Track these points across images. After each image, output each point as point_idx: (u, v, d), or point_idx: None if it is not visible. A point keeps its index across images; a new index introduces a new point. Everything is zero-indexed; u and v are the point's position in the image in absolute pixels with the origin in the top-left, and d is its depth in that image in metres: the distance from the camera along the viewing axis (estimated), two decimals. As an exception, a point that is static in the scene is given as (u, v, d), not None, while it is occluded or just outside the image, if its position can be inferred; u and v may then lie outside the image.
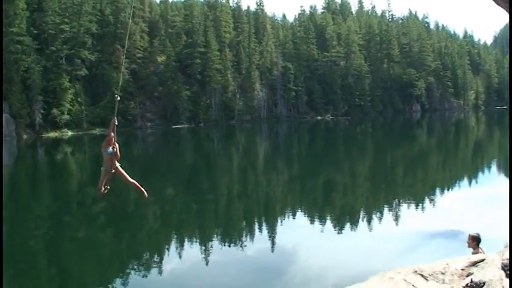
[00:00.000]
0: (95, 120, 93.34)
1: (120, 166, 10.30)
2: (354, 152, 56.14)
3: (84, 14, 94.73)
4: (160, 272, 16.97)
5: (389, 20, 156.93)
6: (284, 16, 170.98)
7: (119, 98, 11.31)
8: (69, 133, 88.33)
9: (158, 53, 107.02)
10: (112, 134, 10.35)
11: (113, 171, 10.06)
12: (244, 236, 21.72)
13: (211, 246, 20.01)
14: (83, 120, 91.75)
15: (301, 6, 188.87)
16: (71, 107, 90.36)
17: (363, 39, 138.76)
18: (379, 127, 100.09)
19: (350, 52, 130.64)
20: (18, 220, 25.99)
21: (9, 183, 44.63)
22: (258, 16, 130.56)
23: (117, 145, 10.28)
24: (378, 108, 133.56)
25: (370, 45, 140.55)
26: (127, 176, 10.56)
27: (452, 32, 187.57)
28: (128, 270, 17.03)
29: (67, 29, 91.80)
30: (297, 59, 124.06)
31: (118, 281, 16.32)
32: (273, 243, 20.01)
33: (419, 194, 29.58)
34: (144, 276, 16.49)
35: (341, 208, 27.20)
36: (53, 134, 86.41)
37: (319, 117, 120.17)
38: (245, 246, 19.99)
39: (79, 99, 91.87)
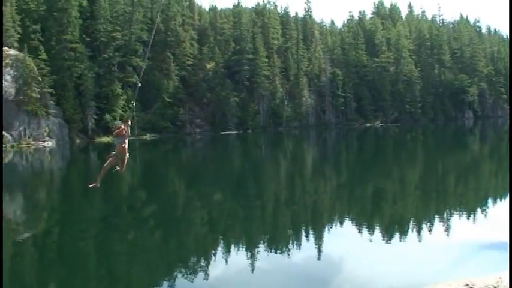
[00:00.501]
0: (145, 125, 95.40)
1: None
2: (404, 160, 55.09)
3: (135, 22, 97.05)
4: (206, 277, 17.07)
5: (440, 24, 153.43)
6: (332, 22, 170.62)
7: (139, 84, 13.80)
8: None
9: (207, 60, 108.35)
10: (123, 126, 12.50)
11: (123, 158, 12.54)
12: (290, 244, 21.60)
13: (258, 253, 20.00)
14: (135, 126, 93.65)
15: (350, 12, 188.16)
16: (122, 113, 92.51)
17: (413, 44, 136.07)
18: (430, 134, 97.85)
19: (400, 57, 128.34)
20: (70, 222, 26.74)
21: (62, 186, 46.10)
22: (306, 22, 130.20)
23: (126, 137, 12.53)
24: (429, 115, 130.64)
25: (421, 50, 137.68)
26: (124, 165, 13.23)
27: (505, 37, 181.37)
28: (174, 274, 17.22)
29: (119, 36, 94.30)
30: (345, 65, 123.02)
31: (165, 284, 16.52)
32: (320, 252, 19.82)
33: (471, 204, 28.72)
34: (191, 280, 16.63)
35: (390, 217, 26.69)
36: (105, 139, 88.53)
37: (368, 124, 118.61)
38: (291, 253, 19.88)
39: (130, 105, 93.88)
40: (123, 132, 12.64)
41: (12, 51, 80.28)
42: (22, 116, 77.93)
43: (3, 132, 75.16)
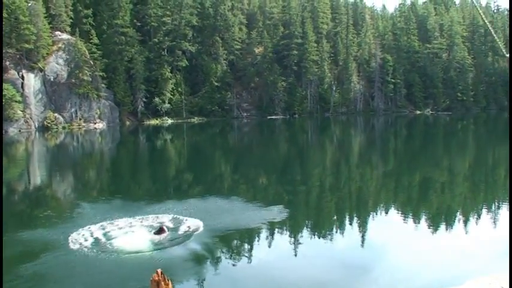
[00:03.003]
0: (193, 109, 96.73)
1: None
2: (453, 150, 53.74)
3: (185, 7, 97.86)
4: (249, 261, 17.20)
5: (495, 11, 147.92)
6: (384, 7, 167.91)
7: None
8: (169, 121, 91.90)
9: (256, 44, 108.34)
10: None
11: None
12: (334, 230, 21.52)
13: (301, 237, 20.02)
14: (183, 109, 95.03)
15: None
16: (171, 96, 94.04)
17: (467, 31, 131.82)
18: (482, 124, 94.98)
19: (453, 44, 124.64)
20: (117, 201, 27.41)
21: (111, 167, 47.25)
22: (356, 7, 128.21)
23: None
24: (481, 104, 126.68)
25: (474, 37, 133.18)
26: None
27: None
28: (216, 254, 17.35)
29: (169, 21, 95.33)
30: (396, 51, 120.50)
31: (209, 266, 16.66)
32: (363, 239, 19.66)
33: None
34: (233, 265, 16.78)
35: (436, 207, 26.14)
36: (154, 122, 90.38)
37: (418, 112, 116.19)
38: (334, 239, 19.80)
39: (179, 89, 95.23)
40: None
41: (64, 36, 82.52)
42: (74, 98, 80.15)
43: (55, 114, 77.52)
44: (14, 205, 30.02)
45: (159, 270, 6.33)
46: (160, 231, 18.26)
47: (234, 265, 16.69)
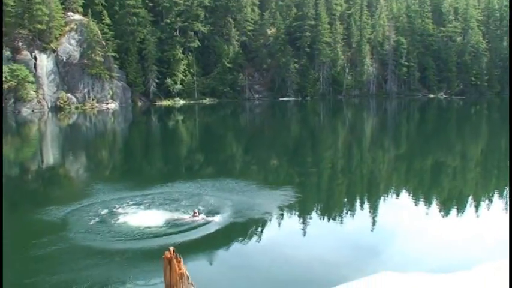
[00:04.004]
0: (205, 90, 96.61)
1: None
2: (466, 134, 53.34)
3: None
4: (258, 240, 17.29)
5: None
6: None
7: None
8: (181, 102, 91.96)
9: (268, 25, 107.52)
10: None
11: None
12: (344, 212, 21.56)
13: (311, 219, 20.09)
14: (194, 90, 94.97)
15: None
16: (183, 77, 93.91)
17: (482, 15, 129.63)
18: (496, 109, 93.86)
19: (467, 28, 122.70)
20: (129, 181, 27.63)
21: (123, 147, 47.53)
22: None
23: None
24: (495, 89, 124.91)
25: (489, 21, 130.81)
26: None
27: None
28: (228, 235, 17.44)
29: (181, 2, 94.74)
30: (410, 33, 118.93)
31: (222, 245, 16.77)
32: (374, 221, 19.68)
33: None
34: (244, 244, 16.87)
35: (448, 192, 26.06)
36: (165, 102, 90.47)
37: (432, 96, 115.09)
38: (344, 221, 19.86)
39: (191, 70, 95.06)
40: None
41: (76, 16, 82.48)
42: (86, 78, 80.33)
43: (68, 94, 77.84)
44: (27, 184, 30.37)
45: (171, 248, 6.39)
46: (193, 215, 18.34)
47: (244, 245, 16.80)
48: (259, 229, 18.35)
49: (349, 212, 21.36)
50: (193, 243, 16.23)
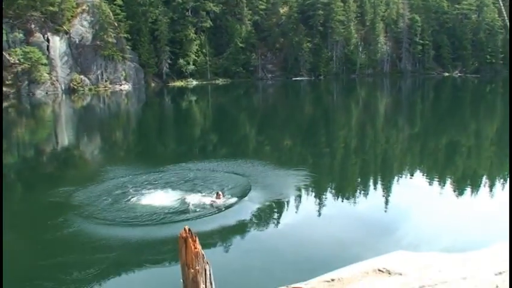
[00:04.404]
0: (218, 70, 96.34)
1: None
2: (481, 113, 52.81)
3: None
4: (274, 221, 17.34)
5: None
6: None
7: None
8: (194, 82, 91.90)
9: (281, 4, 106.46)
10: None
11: None
12: (358, 192, 21.54)
13: (325, 199, 20.11)
14: (207, 71, 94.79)
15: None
16: (196, 58, 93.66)
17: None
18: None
19: (482, 5, 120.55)
20: (143, 160, 27.85)
21: (137, 128, 47.78)
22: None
23: None
24: (510, 67, 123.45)
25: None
26: None
27: None
28: (243, 214, 17.52)
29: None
30: (424, 11, 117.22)
31: (234, 224, 16.86)
32: (387, 201, 19.65)
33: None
34: (258, 225, 16.92)
35: (462, 171, 25.91)
36: (178, 83, 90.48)
37: (446, 74, 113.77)
38: (358, 201, 19.85)
39: (204, 50, 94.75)
40: None
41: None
42: (99, 60, 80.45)
43: (81, 76, 78.11)
44: (43, 165, 30.70)
45: (186, 227, 6.48)
46: (216, 196, 18.39)
47: (259, 225, 16.84)
48: (275, 210, 18.36)
49: (363, 192, 21.35)
50: (210, 224, 16.32)
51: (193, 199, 18.49)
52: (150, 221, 16.58)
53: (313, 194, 20.75)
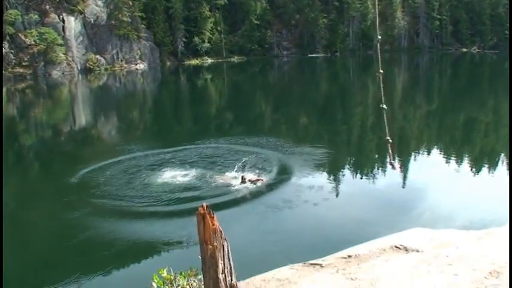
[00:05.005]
0: (233, 48, 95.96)
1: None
2: (500, 89, 52.00)
3: None
4: (290, 200, 17.34)
5: None
6: None
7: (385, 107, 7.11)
8: (209, 60, 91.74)
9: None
10: None
11: None
12: (376, 169, 21.45)
13: (342, 176, 20.09)
14: (222, 49, 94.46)
15: None
16: (211, 36, 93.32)
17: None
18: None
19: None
20: (159, 139, 28.00)
21: (153, 107, 47.96)
22: None
23: None
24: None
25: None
26: None
27: None
28: (259, 195, 17.58)
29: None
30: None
31: (249, 208, 16.95)
32: (405, 179, 19.56)
33: None
34: (274, 203, 16.95)
35: (480, 149, 25.65)
36: (194, 62, 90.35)
37: (465, 50, 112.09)
38: (376, 179, 19.78)
39: (219, 28, 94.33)
40: None
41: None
42: (114, 40, 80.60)
43: (97, 56, 78.31)
44: (60, 145, 31.02)
45: (204, 204, 6.53)
46: (242, 180, 18.40)
47: (276, 203, 16.88)
48: (292, 188, 18.34)
49: (380, 169, 21.26)
50: (228, 203, 16.42)
51: (217, 179, 18.61)
52: (166, 199, 16.72)
53: (331, 172, 20.72)
